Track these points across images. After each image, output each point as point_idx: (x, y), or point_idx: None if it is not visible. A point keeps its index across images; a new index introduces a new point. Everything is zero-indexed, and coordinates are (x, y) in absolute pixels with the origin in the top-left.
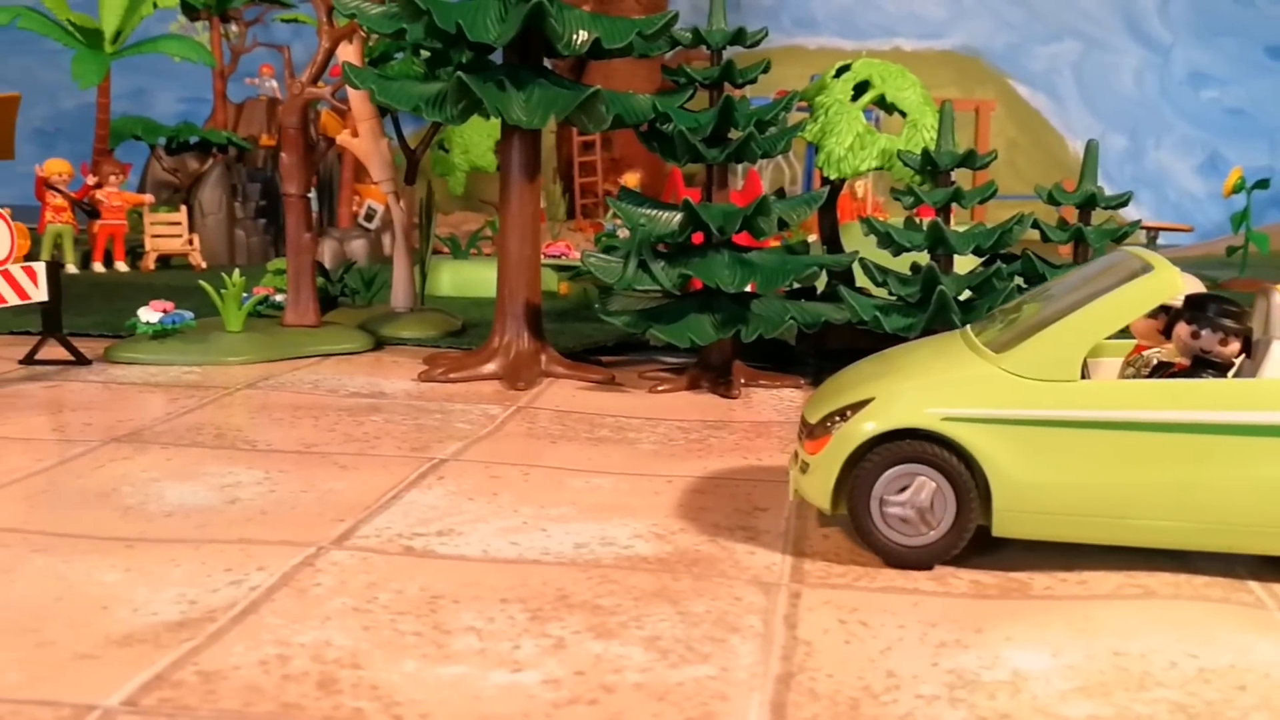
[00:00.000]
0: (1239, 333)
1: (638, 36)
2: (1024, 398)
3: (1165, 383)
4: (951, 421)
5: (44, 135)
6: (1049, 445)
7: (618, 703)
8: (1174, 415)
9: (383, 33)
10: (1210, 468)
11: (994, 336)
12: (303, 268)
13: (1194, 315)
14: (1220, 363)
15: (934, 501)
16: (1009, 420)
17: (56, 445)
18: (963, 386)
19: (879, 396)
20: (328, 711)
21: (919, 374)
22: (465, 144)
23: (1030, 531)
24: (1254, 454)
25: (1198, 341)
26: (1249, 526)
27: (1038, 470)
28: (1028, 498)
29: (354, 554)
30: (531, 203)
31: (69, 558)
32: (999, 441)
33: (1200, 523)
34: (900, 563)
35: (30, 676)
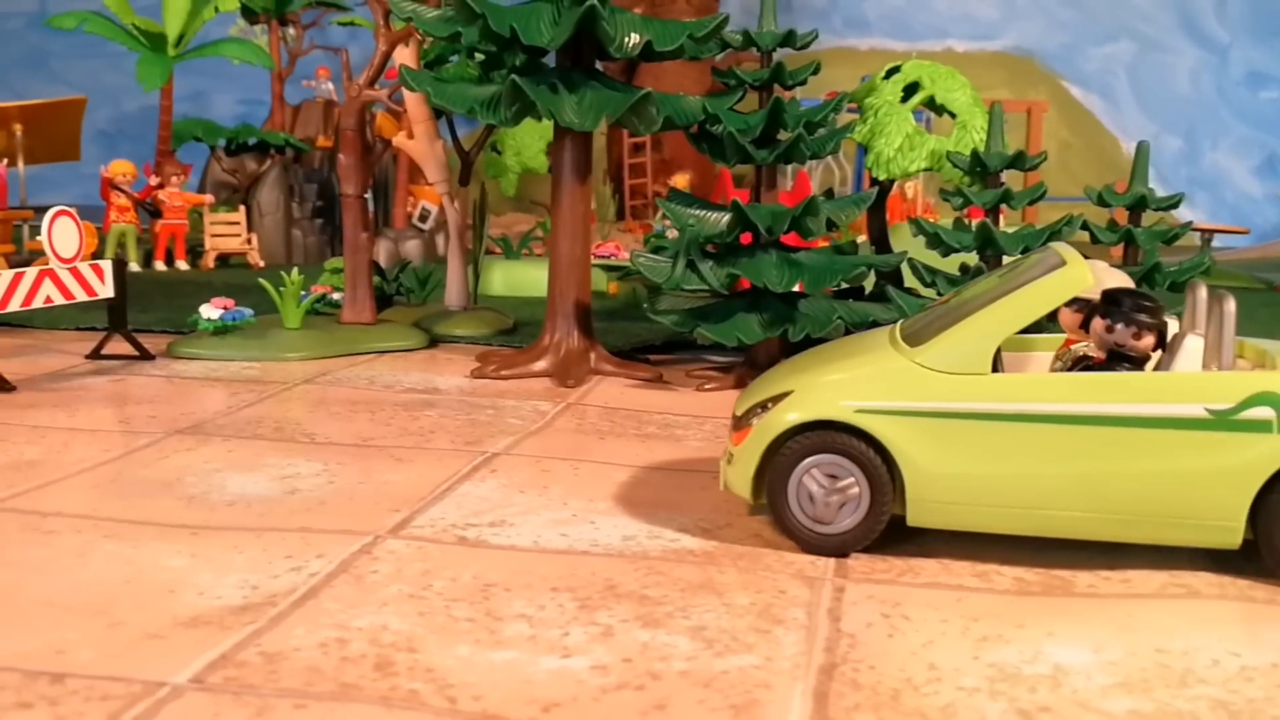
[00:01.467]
0: (1153, 327)
1: (689, 39)
2: (935, 390)
3: (1072, 375)
4: (865, 414)
5: (107, 137)
6: (959, 437)
7: (664, 689)
8: (1080, 408)
9: (438, 36)
10: (1116, 459)
11: (913, 331)
12: (360, 267)
13: (1109, 309)
14: (1137, 356)
15: (848, 491)
16: (920, 413)
17: (123, 436)
18: (877, 380)
19: (797, 390)
20: (384, 692)
21: (838, 368)
22: (517, 146)
23: (943, 521)
24: (1158, 446)
25: (1112, 335)
26: (1155, 517)
27: (949, 461)
28: (940, 488)
29: (409, 543)
30: (583, 204)
31: (137, 543)
32: (911, 433)
33: (1108, 513)
34: (816, 549)
35: (103, 654)
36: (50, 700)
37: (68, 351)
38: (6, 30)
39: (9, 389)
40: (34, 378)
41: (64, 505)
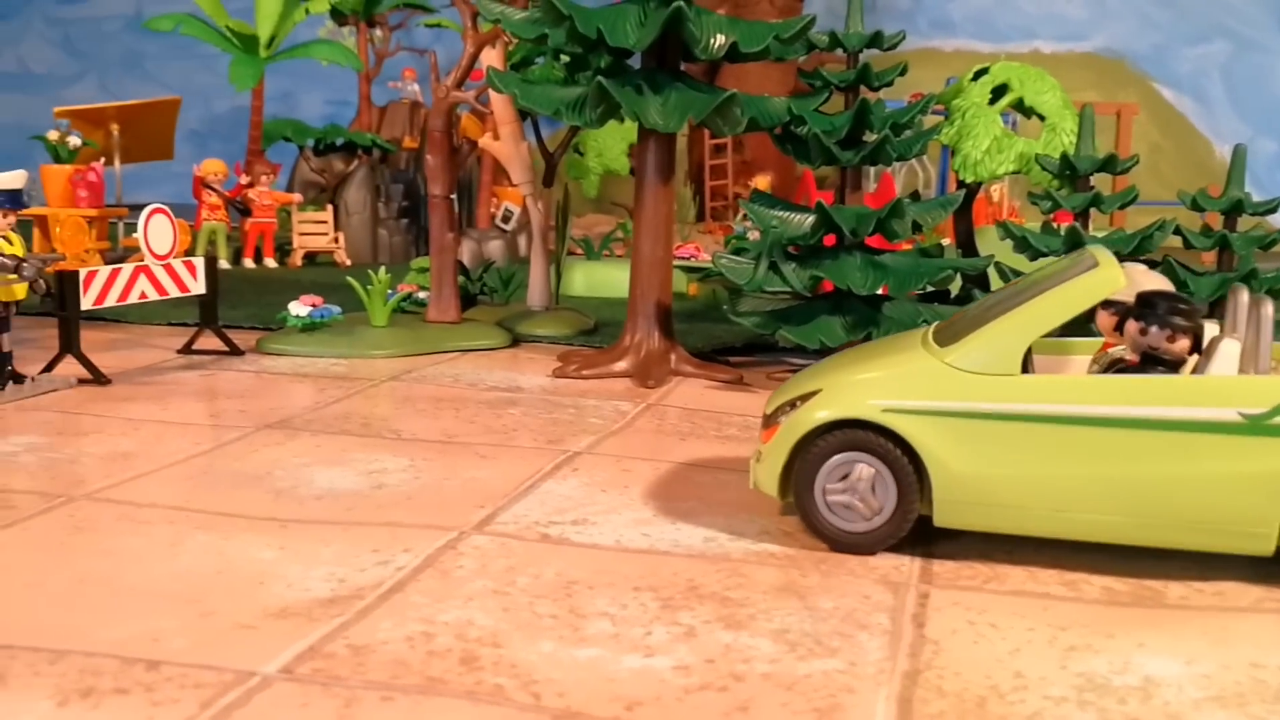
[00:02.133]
0: (1187, 330)
1: (774, 40)
2: (963, 391)
3: (1101, 378)
4: (892, 413)
5: (199, 136)
6: (987, 437)
7: (747, 691)
8: (1109, 410)
9: (525, 37)
10: (1146, 463)
11: (944, 332)
12: (445, 266)
13: (1143, 312)
14: (1171, 360)
15: (875, 489)
16: (948, 413)
17: (213, 430)
18: (905, 379)
19: (825, 388)
20: (470, 687)
21: (867, 368)
22: (599, 147)
23: (969, 522)
24: (1189, 450)
25: (1145, 338)
26: (1185, 522)
27: (976, 462)
28: (966, 488)
29: (494, 539)
30: (665, 205)
31: (228, 535)
32: (938, 433)
33: (1137, 517)
34: (843, 548)
35: (195, 643)
36: (146, 686)
37: (160, 346)
38: (104, 32)
39: (105, 382)
40: (128, 371)
41: (158, 496)
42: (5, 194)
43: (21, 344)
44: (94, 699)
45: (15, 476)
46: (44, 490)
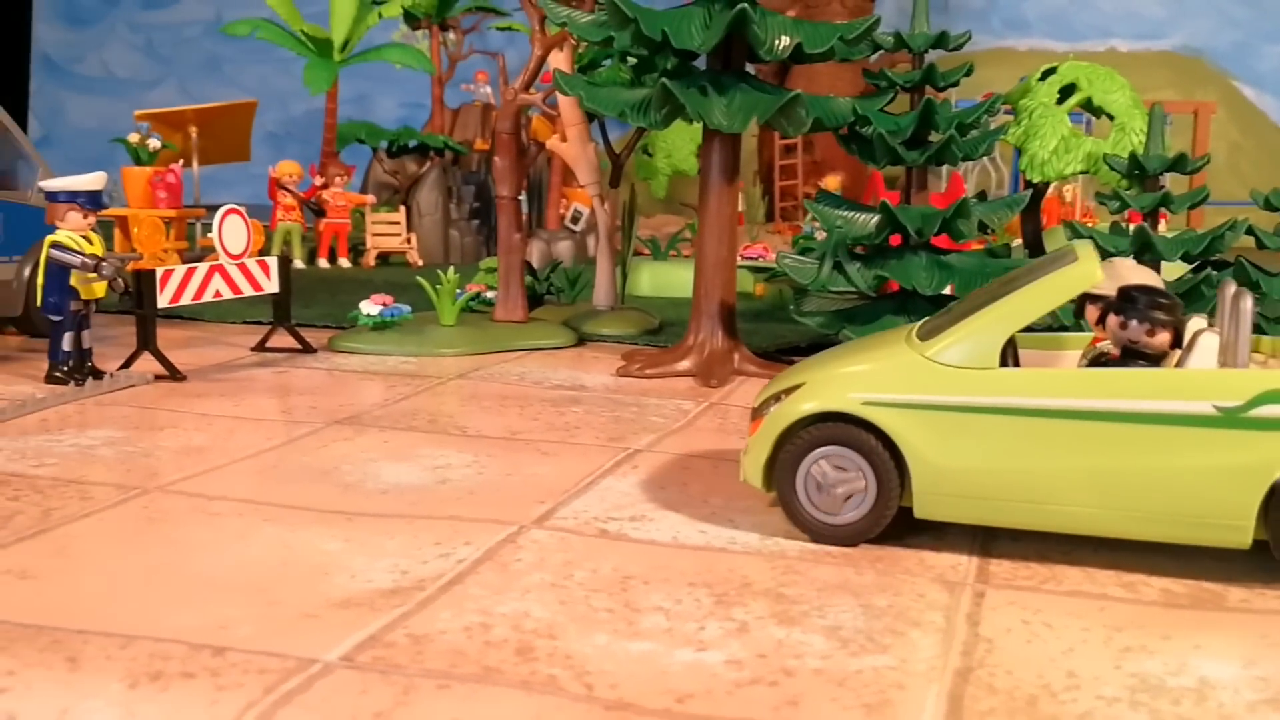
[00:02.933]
0: (1167, 324)
1: (839, 41)
2: (941, 384)
3: (1078, 371)
4: (871, 406)
5: (275, 138)
6: (965, 430)
7: (797, 686)
8: (1085, 403)
9: (592, 40)
10: (1122, 455)
11: (927, 328)
12: (513, 267)
13: (1123, 306)
14: (1151, 353)
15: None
16: (926, 405)
17: (284, 425)
18: (885, 373)
19: (809, 382)
20: (525, 677)
21: (849, 362)
22: (668, 148)
23: (949, 514)
24: (1164, 442)
25: (1125, 332)
26: (1162, 515)
27: (954, 454)
28: (945, 481)
29: (553, 534)
30: (730, 205)
31: (295, 527)
32: (917, 425)
33: (1114, 509)
34: (824, 539)
35: (260, 631)
36: (212, 671)
37: (234, 344)
38: (185, 37)
39: (180, 378)
40: (203, 368)
41: (228, 489)
42: (86, 195)
43: (101, 341)
44: (162, 682)
45: (93, 468)
46: (120, 482)
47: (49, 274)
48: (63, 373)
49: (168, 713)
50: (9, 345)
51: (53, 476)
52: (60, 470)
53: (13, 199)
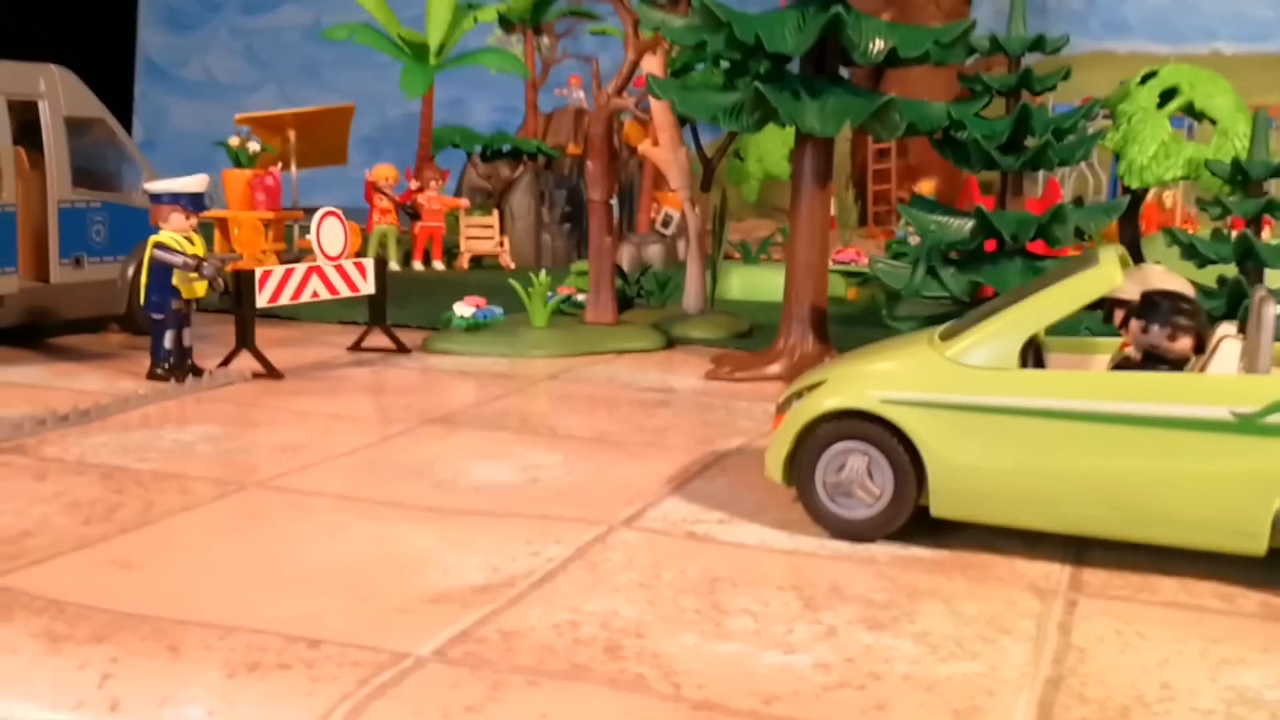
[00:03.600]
0: (1188, 329)
1: (934, 45)
2: (959, 384)
3: (1095, 374)
4: (890, 404)
5: (372, 142)
6: (981, 430)
7: (885, 690)
8: (1100, 406)
9: (685, 44)
10: (1136, 459)
11: (950, 329)
12: (603, 270)
13: (1145, 310)
14: (1173, 358)
15: (872, 478)
16: (943, 405)
17: (379, 424)
18: (904, 372)
19: (830, 380)
20: (613, 675)
21: (871, 361)
22: (760, 152)
23: (964, 513)
24: (1179, 447)
25: (1147, 336)
26: (1175, 519)
27: (970, 453)
28: (961, 479)
29: (641, 534)
30: (821, 209)
31: (389, 523)
32: (934, 424)
33: (1127, 513)
34: (841, 535)
35: (355, 624)
36: (307, 663)
37: (331, 344)
38: (284, 42)
39: (278, 377)
40: (300, 367)
41: (324, 485)
42: (188, 197)
43: (201, 339)
44: (259, 673)
45: (193, 464)
46: (219, 478)
47: (152, 273)
48: (164, 370)
49: (264, 702)
50: (112, 343)
51: (154, 471)
52: (161, 465)
53: (118, 200)
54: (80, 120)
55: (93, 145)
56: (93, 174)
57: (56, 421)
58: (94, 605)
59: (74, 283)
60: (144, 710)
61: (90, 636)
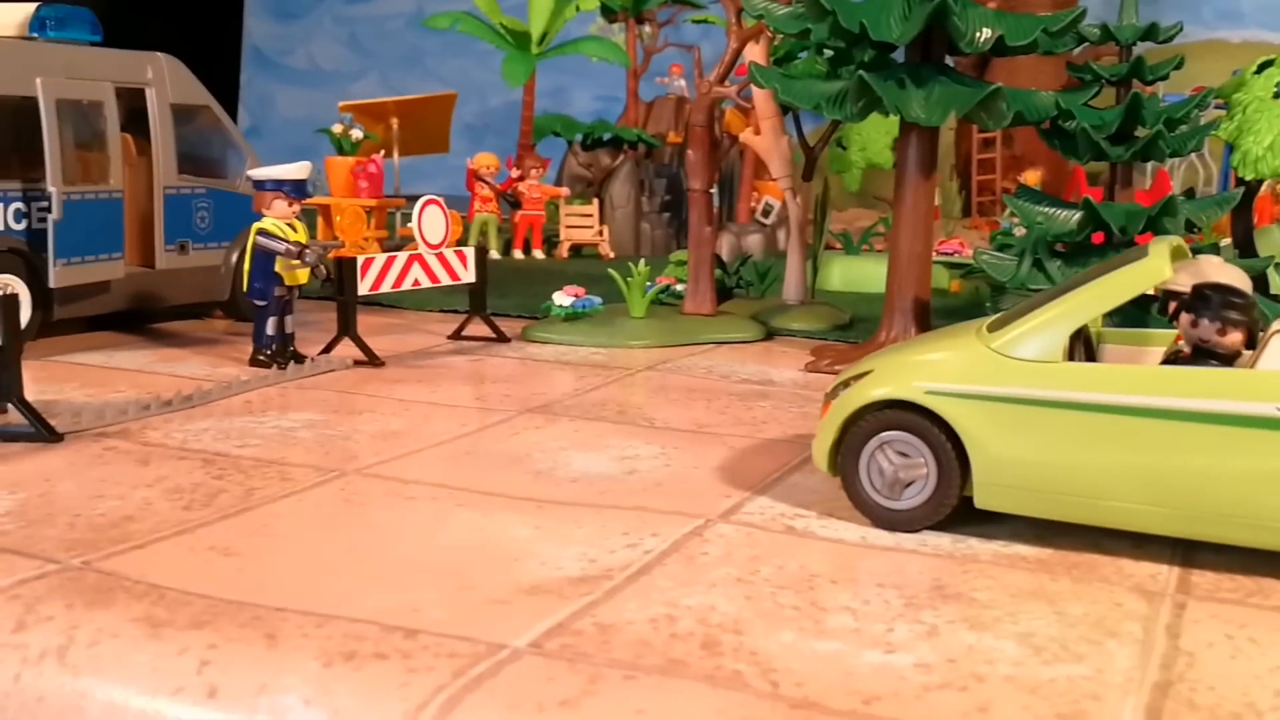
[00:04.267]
0: (1239, 324)
1: (1042, 33)
2: (1004, 376)
3: (1140, 368)
4: (934, 395)
5: (474, 130)
6: (1026, 423)
7: (987, 692)
8: (1144, 400)
9: (788, 32)
10: (1181, 454)
11: (998, 321)
12: (702, 260)
13: (1195, 304)
14: (1223, 353)
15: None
16: (988, 397)
17: (478, 413)
18: (949, 364)
19: (877, 370)
20: (709, 671)
21: (918, 351)
22: (863, 141)
23: (1008, 505)
24: (1224, 443)
25: (1196, 330)
26: (1219, 516)
27: (1015, 446)
28: (1005, 472)
29: (739, 528)
30: (925, 200)
31: (487, 513)
32: (979, 416)
33: (1173, 509)
34: (884, 524)
35: (452, 615)
36: (403, 654)
37: (432, 332)
38: (387, 30)
39: (378, 364)
40: (401, 355)
41: (423, 474)
42: (291, 184)
43: (303, 326)
44: (355, 662)
45: (293, 450)
46: (319, 464)
47: (254, 260)
48: (266, 356)
49: (359, 693)
50: (216, 329)
51: (255, 457)
52: (262, 451)
53: (222, 187)
54: (186, 107)
55: (198, 132)
56: (198, 161)
57: (160, 406)
58: (193, 591)
59: (179, 269)
60: (241, 698)
61: (189, 622)
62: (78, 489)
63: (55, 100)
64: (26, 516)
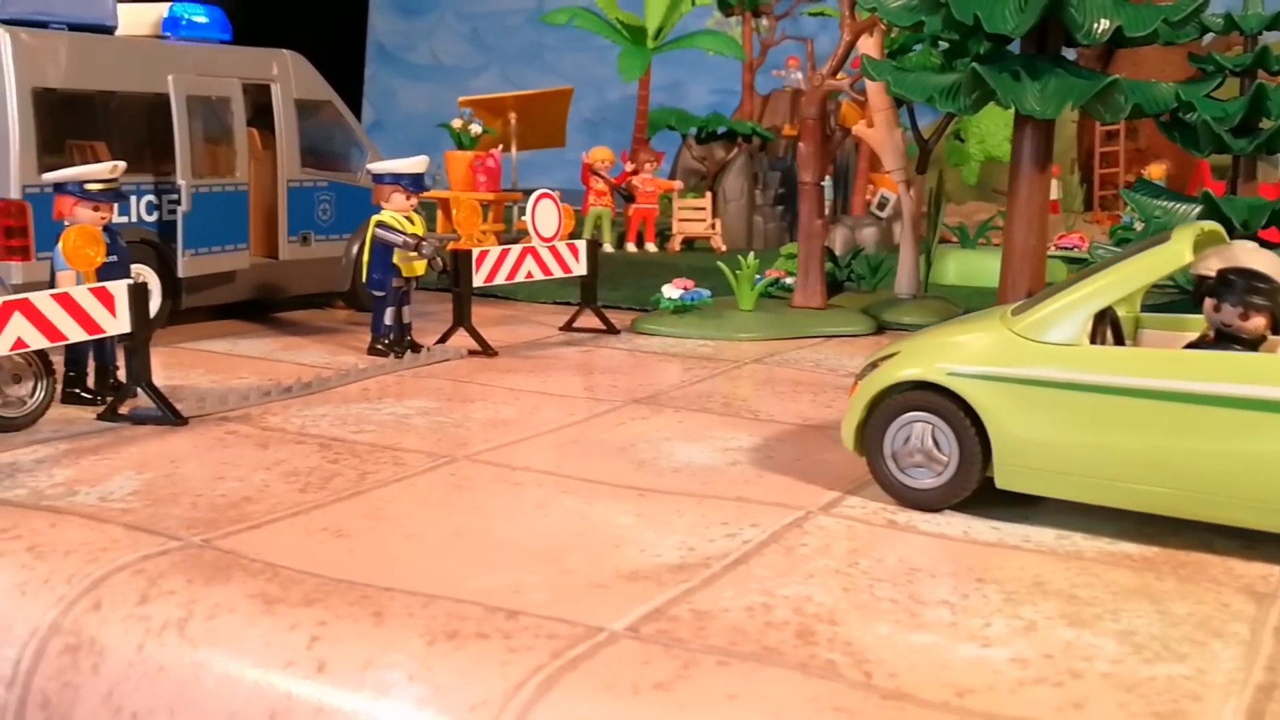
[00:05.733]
0: (1262, 308)
1: (1163, 23)
2: (1025, 358)
3: (1156, 351)
4: (956, 376)
5: (591, 125)
6: (1045, 404)
7: (1083, 688)
8: (1161, 384)
9: (901, 25)
10: (1196, 437)
11: (1024, 305)
12: (813, 252)
13: (1219, 289)
14: (1246, 338)
15: (939, 448)
16: (1009, 379)
17: (586, 403)
18: (973, 346)
19: (903, 352)
20: (803, 659)
21: (946, 333)
22: (981, 134)
23: (1028, 486)
24: (1238, 426)
25: (1219, 315)
26: (1235, 499)
27: (1034, 427)
28: (1024, 453)
29: (840, 521)
30: (1041, 193)
31: (590, 500)
32: (999, 398)
33: (1189, 491)
34: (907, 503)
35: (553, 597)
36: (504, 634)
37: (544, 323)
38: (508, 26)
39: (492, 354)
40: (513, 345)
41: (531, 460)
42: (409, 177)
43: (420, 317)
44: (458, 641)
45: (407, 436)
46: (431, 450)
47: (374, 252)
48: (384, 345)
49: (461, 670)
50: (337, 318)
51: (370, 442)
52: (377, 437)
53: (344, 180)
54: (309, 103)
55: (321, 127)
56: (320, 154)
57: (280, 392)
58: (306, 570)
59: (301, 260)
60: (348, 672)
61: (301, 600)
62: (200, 470)
63: (185, 97)
64: (152, 495)
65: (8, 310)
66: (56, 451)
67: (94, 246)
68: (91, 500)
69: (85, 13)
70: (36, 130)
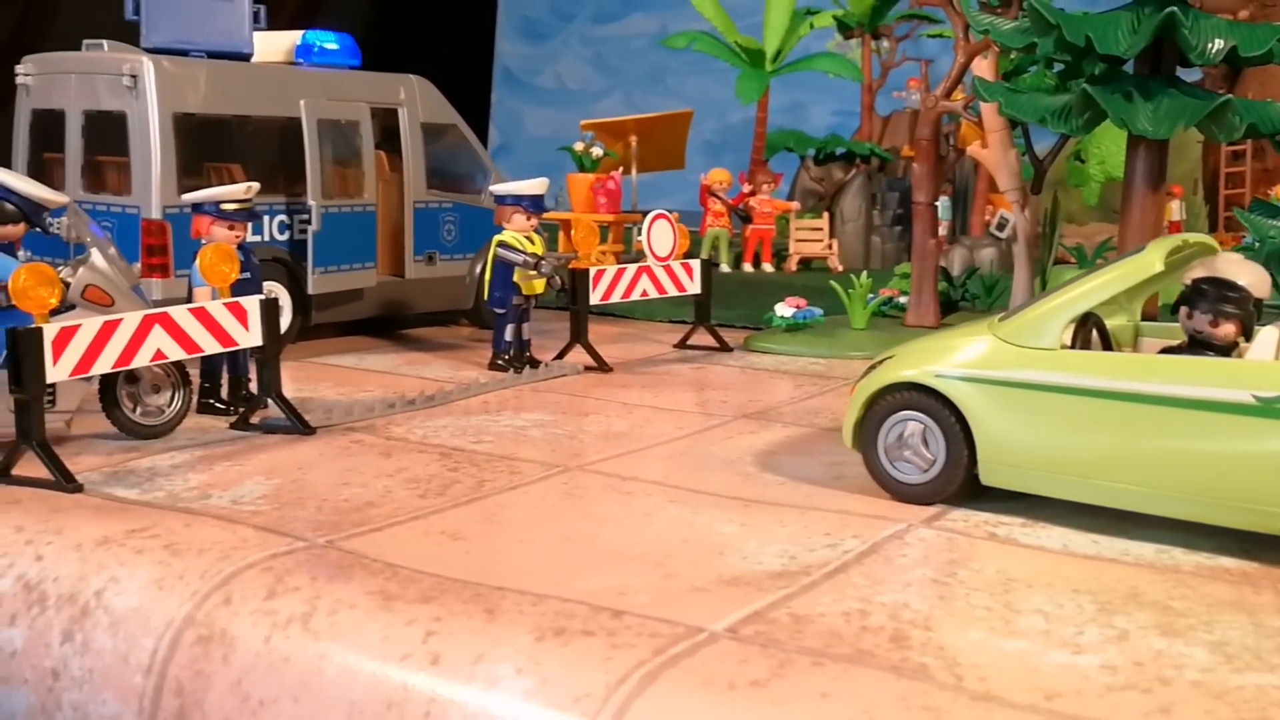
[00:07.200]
0: (1233, 316)
1: (1278, 43)
2: (1005, 361)
3: (1128, 355)
4: (943, 378)
5: (712, 147)
6: (1023, 405)
7: (1171, 695)
8: (1131, 385)
9: (1014, 46)
10: (1166, 438)
11: (1010, 312)
12: (926, 272)
13: (1192, 296)
14: (1217, 344)
15: (928, 445)
16: (990, 380)
17: (697, 417)
18: (959, 349)
19: (898, 354)
20: (896, 662)
21: (940, 338)
22: (1102, 154)
23: (1010, 483)
24: (1204, 428)
25: (1191, 322)
26: (1206, 497)
27: (1013, 427)
28: (1005, 451)
29: (940, 534)
30: (1154, 213)
31: (696, 509)
32: (982, 398)
33: (1157, 489)
34: (899, 497)
35: (656, 600)
36: (609, 632)
37: (658, 340)
38: (632, 50)
39: (607, 370)
40: (628, 362)
41: (641, 471)
42: (529, 199)
43: (539, 334)
44: (564, 637)
45: (524, 447)
46: (545, 460)
47: (495, 271)
48: (504, 361)
49: (566, 664)
50: (460, 335)
51: (488, 452)
52: (495, 447)
53: (467, 201)
54: (435, 126)
55: (446, 149)
56: (445, 176)
57: (404, 405)
58: (424, 570)
59: (426, 278)
60: (460, 665)
61: (418, 597)
62: (326, 477)
63: (316, 120)
64: (280, 499)
65: (148, 324)
66: (192, 458)
67: (229, 264)
68: (224, 503)
69: (223, 41)
70: (177, 153)
